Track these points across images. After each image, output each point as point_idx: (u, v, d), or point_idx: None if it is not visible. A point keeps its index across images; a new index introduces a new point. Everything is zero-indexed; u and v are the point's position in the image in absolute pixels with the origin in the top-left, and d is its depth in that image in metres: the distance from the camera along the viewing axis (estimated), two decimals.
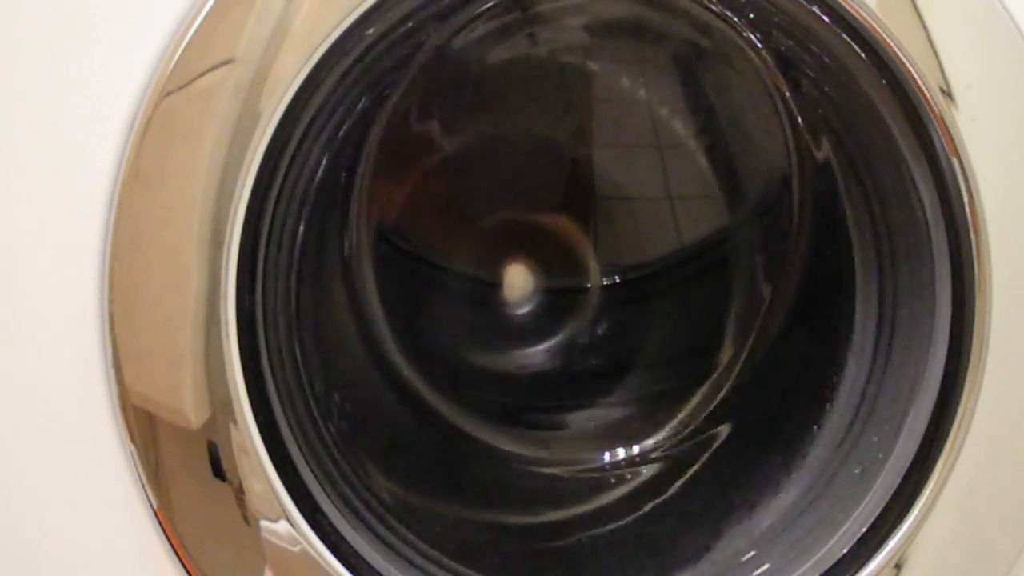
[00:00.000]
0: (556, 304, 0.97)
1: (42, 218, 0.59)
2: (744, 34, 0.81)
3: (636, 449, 0.90)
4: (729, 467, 0.84)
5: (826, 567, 0.68)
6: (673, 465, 0.89)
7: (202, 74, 0.58)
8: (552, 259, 0.97)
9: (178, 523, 0.62)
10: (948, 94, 0.62)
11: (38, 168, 0.59)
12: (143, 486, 0.62)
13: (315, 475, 0.67)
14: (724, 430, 0.88)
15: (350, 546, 0.66)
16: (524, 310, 0.97)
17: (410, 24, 0.67)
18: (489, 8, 0.84)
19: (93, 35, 0.58)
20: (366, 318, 0.91)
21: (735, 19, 0.80)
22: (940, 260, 0.65)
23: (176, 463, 0.62)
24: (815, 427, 0.77)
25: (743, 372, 0.90)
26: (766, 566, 0.71)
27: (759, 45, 0.80)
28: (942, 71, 0.61)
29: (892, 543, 0.66)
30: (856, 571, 0.67)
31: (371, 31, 0.62)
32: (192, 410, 0.61)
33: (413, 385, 0.92)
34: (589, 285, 0.97)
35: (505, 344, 0.97)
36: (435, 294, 0.96)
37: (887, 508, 0.67)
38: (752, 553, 0.73)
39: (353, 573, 0.64)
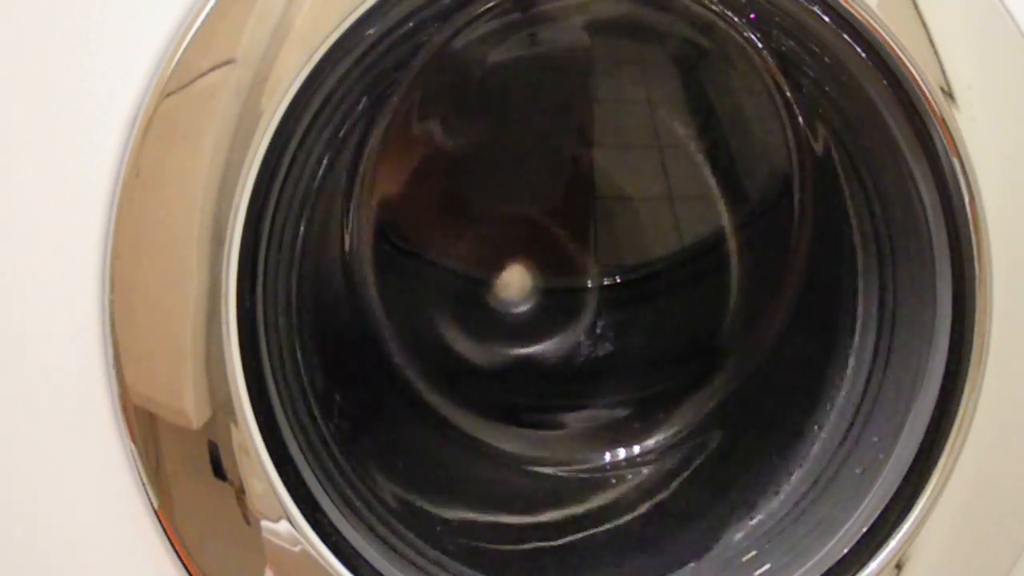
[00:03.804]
0: (556, 304, 0.97)
1: (43, 218, 0.59)
2: (745, 34, 0.81)
3: (636, 449, 0.90)
4: (729, 467, 0.84)
5: (827, 567, 0.68)
6: (673, 465, 0.89)
7: (203, 74, 0.58)
8: (552, 259, 0.97)
9: (179, 523, 0.62)
10: (949, 94, 0.62)
11: (39, 168, 0.59)
12: (144, 486, 0.62)
13: (316, 475, 0.67)
14: (724, 430, 0.88)
15: (351, 546, 0.66)
16: (524, 310, 0.97)
17: (411, 24, 0.67)
18: (489, 8, 0.84)
19: (94, 35, 0.58)
20: (367, 317, 0.91)
21: (736, 19, 0.80)
22: (941, 260, 0.65)
23: (177, 463, 0.62)
24: (815, 427, 0.77)
25: (744, 372, 0.90)
26: (767, 566, 0.71)
27: (760, 45, 0.80)
28: (943, 71, 0.61)
29: (893, 543, 0.66)
30: (857, 571, 0.67)
31: (372, 31, 0.62)
32: (193, 410, 0.61)
33: (413, 385, 0.92)
34: (589, 285, 0.97)
35: (505, 344, 0.97)
36: (435, 293, 0.96)
37: (888, 508, 0.67)
38: (753, 553, 0.73)
39: (354, 573, 0.64)
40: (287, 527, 0.63)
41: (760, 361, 0.90)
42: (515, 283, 0.96)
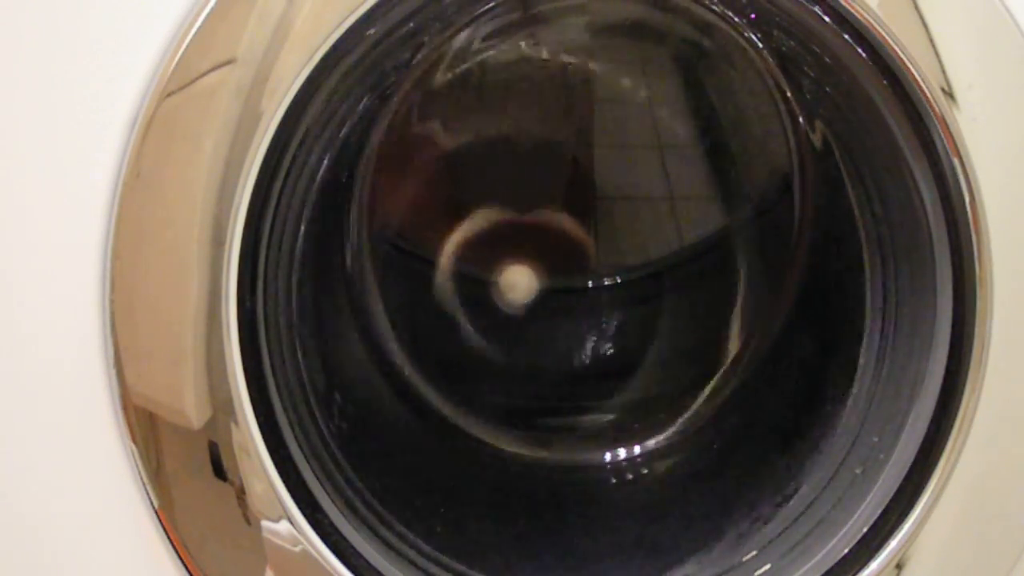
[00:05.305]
0: (557, 304, 0.97)
1: (44, 218, 0.59)
2: (745, 34, 0.81)
3: (637, 449, 0.90)
4: (730, 467, 0.84)
5: (827, 567, 0.68)
6: (674, 465, 0.89)
7: (203, 74, 0.58)
8: (553, 259, 0.97)
9: (179, 523, 0.62)
10: (949, 94, 0.62)
11: (40, 169, 0.59)
12: (144, 486, 0.62)
13: (316, 475, 0.67)
14: (725, 430, 0.88)
15: (351, 546, 0.66)
16: (525, 310, 0.97)
17: (411, 25, 0.67)
18: (490, 8, 0.84)
19: (94, 36, 0.58)
20: (367, 318, 0.91)
21: (736, 19, 0.80)
22: (941, 260, 0.65)
23: (177, 463, 0.62)
24: (816, 427, 0.77)
25: (744, 372, 0.90)
26: (767, 566, 0.71)
27: (760, 45, 0.80)
28: (943, 71, 0.61)
29: (893, 543, 0.66)
30: (857, 571, 0.67)
31: (372, 31, 0.62)
32: (193, 410, 0.61)
33: (414, 385, 0.92)
34: (590, 285, 0.97)
35: (506, 344, 0.97)
36: (435, 294, 0.96)
37: (888, 508, 0.67)
38: (753, 553, 0.73)
39: (354, 573, 0.64)
40: (287, 527, 0.63)
41: (760, 361, 0.90)
42: (515, 283, 0.96)
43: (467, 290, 0.96)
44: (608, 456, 0.90)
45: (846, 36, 0.63)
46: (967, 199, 0.62)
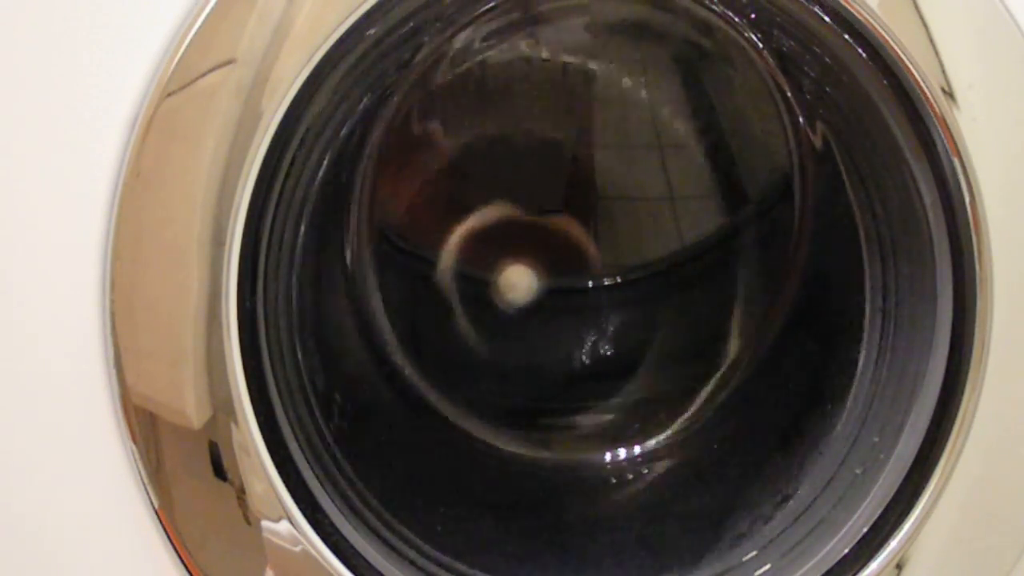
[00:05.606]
0: (557, 304, 0.97)
1: (44, 218, 0.60)
2: (745, 34, 0.81)
3: (638, 449, 0.90)
4: (730, 467, 0.84)
5: (827, 567, 0.68)
6: (674, 465, 0.89)
7: (203, 74, 0.58)
8: (554, 259, 0.97)
9: (179, 523, 0.62)
10: (949, 94, 0.62)
11: (40, 168, 0.59)
12: (144, 486, 0.62)
13: (316, 475, 0.67)
14: (725, 430, 0.88)
15: (351, 546, 0.66)
16: (524, 310, 0.97)
17: (411, 24, 0.67)
18: (491, 8, 0.84)
19: (94, 35, 0.58)
20: (367, 318, 0.91)
21: (736, 19, 0.80)
22: (941, 260, 0.65)
23: (177, 463, 0.62)
24: (816, 427, 0.77)
25: (744, 372, 0.90)
26: (767, 566, 0.71)
27: (760, 45, 0.80)
28: (943, 71, 0.61)
29: (893, 543, 0.66)
30: (857, 571, 0.67)
31: (372, 31, 0.62)
32: (193, 410, 0.61)
33: (414, 385, 0.92)
34: (590, 285, 0.97)
35: (506, 344, 0.97)
36: (435, 293, 0.96)
37: (888, 508, 0.67)
38: (753, 553, 0.73)
39: (354, 573, 0.64)
40: (287, 527, 0.63)
41: (761, 361, 0.90)
42: (515, 283, 0.96)
43: (467, 290, 0.96)
44: (608, 456, 0.90)
45: (846, 36, 0.63)
46: (967, 199, 0.62)
